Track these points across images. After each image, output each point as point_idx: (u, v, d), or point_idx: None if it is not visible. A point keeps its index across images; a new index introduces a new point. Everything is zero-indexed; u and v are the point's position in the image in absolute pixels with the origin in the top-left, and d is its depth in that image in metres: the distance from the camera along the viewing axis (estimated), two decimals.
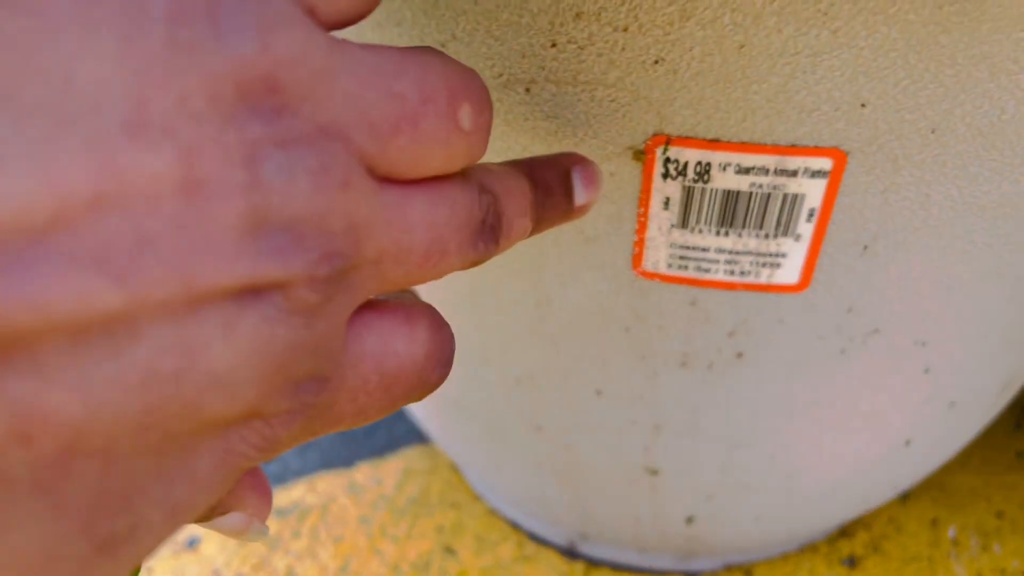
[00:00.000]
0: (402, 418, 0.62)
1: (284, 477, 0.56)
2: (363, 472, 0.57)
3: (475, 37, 0.27)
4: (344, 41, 0.14)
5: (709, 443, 0.36)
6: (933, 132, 0.26)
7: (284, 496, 0.55)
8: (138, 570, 0.16)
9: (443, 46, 0.27)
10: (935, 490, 0.55)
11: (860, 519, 0.53)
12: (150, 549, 0.14)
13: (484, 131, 0.17)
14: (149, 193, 0.11)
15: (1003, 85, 0.25)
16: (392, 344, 0.17)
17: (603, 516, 0.43)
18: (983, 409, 0.39)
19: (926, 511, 0.54)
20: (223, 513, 0.18)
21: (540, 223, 0.22)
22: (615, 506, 0.42)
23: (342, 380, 0.16)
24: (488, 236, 0.18)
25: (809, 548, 0.51)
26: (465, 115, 0.16)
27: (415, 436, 0.60)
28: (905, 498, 0.55)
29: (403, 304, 0.18)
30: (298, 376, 0.15)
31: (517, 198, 0.20)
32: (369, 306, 0.17)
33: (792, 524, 0.43)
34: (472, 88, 0.16)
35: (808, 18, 0.23)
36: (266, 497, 0.20)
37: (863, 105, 0.25)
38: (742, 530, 0.42)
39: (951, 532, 0.52)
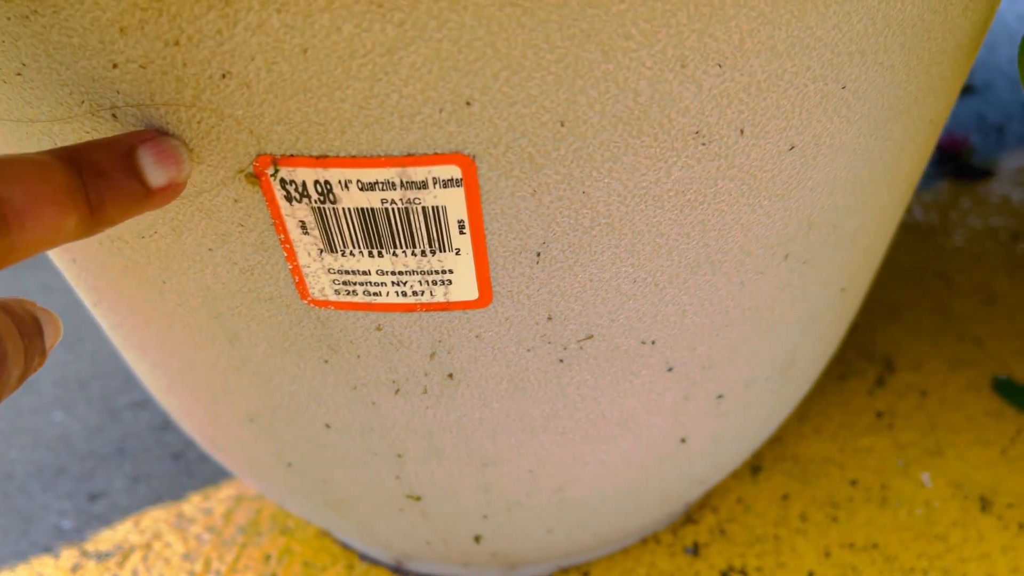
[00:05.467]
0: None
1: (110, 517, 0.53)
2: (193, 503, 0.54)
3: (42, 63, 0.23)
4: None
5: (458, 465, 0.33)
6: (563, 125, 0.22)
7: (107, 539, 0.52)
8: None
9: (19, 75, 0.24)
10: (788, 463, 0.53)
11: (707, 502, 0.51)
12: None
13: None
14: None
15: (624, 65, 0.21)
16: None
17: (395, 541, 0.41)
18: (766, 394, 0.36)
19: (777, 487, 0.52)
20: None
21: (103, 210, 0.20)
22: (398, 532, 0.39)
23: None
24: None
25: (651, 539, 0.49)
26: None
27: None
28: (756, 474, 0.53)
29: None
30: None
31: (28, 183, 0.17)
32: None
33: (596, 529, 0.40)
34: None
35: (363, 12, 0.20)
36: None
37: (468, 103, 0.22)
38: (539, 542, 0.40)
39: (799, 508, 0.50)
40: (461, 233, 0.25)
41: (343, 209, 0.24)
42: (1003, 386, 0.58)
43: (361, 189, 0.24)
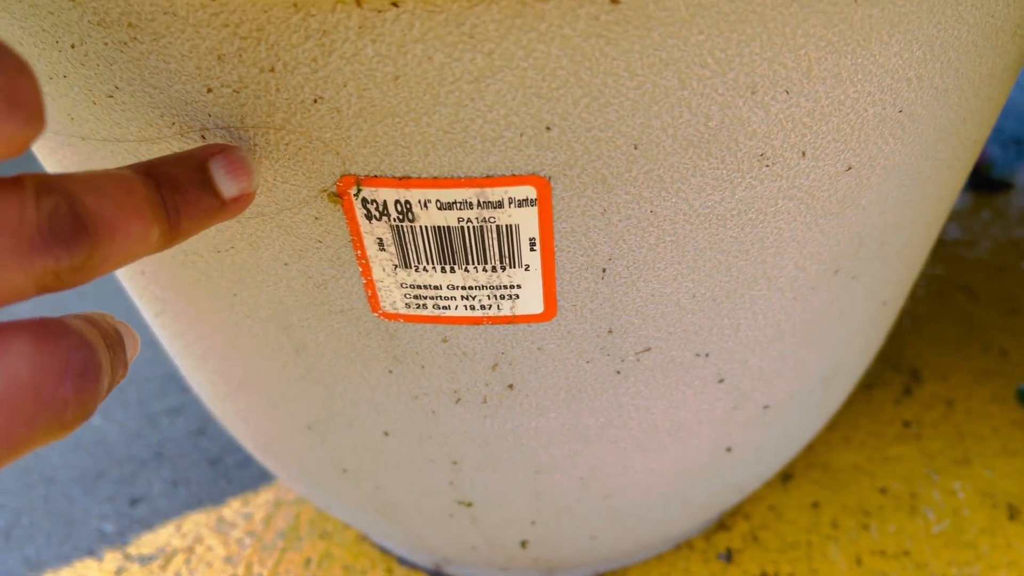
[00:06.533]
0: None
1: (151, 521, 0.54)
2: (233, 508, 0.55)
3: (135, 86, 0.24)
4: None
5: (511, 473, 0.34)
6: (636, 148, 0.23)
7: (149, 542, 0.53)
8: None
9: (110, 97, 0.25)
10: (819, 471, 0.54)
11: (740, 509, 0.52)
12: None
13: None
14: None
15: (699, 91, 0.22)
16: None
17: (440, 546, 0.42)
18: (808, 405, 0.37)
19: (807, 494, 0.52)
20: None
21: (180, 223, 0.20)
22: (446, 537, 0.40)
23: None
24: (62, 240, 0.16)
25: (685, 545, 0.50)
26: None
27: None
28: (787, 482, 0.53)
29: None
30: None
31: (115, 196, 0.18)
32: None
33: (639, 535, 0.41)
34: None
35: (455, 43, 0.21)
36: None
37: (548, 128, 0.23)
38: (582, 548, 0.41)
39: (830, 515, 0.51)
40: (531, 250, 0.26)
41: (420, 227, 0.25)
42: None
43: (439, 208, 0.25)
